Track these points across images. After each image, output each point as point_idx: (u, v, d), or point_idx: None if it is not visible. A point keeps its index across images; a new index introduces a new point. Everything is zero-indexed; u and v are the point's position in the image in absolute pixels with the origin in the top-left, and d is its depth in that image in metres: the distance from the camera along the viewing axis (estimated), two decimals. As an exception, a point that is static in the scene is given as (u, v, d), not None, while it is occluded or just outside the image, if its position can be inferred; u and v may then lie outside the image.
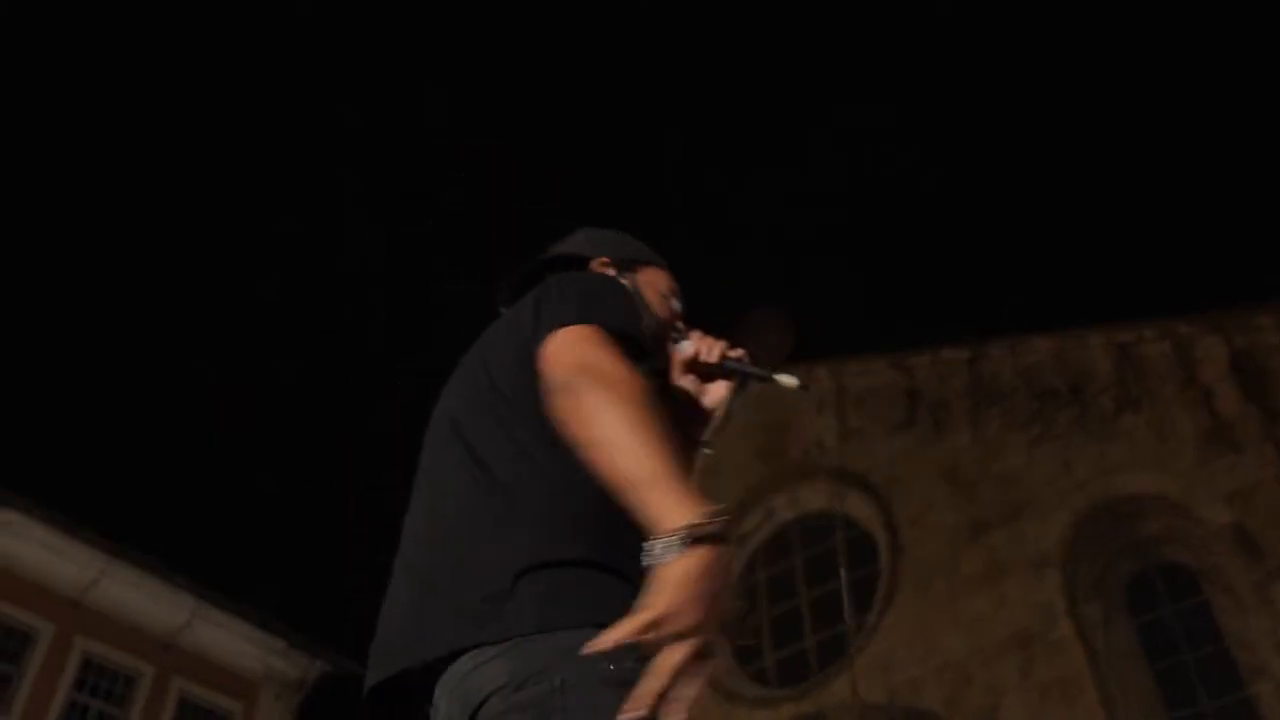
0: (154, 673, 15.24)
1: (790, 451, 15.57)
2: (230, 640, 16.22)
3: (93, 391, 43.52)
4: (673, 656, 1.15)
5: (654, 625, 1.16)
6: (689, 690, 1.16)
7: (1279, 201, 41.30)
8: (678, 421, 1.70)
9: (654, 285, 1.86)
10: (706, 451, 1.77)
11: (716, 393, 1.77)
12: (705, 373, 1.77)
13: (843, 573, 13.56)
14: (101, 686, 14.77)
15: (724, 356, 1.76)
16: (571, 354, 1.41)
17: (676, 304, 1.88)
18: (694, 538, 1.20)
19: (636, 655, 1.19)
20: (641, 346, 1.50)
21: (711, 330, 1.84)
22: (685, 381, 1.77)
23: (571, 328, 1.46)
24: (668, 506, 1.23)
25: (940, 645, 12.49)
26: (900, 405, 14.75)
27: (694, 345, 1.79)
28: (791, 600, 14.87)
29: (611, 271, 1.83)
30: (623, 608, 1.21)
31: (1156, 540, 12.18)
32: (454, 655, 1.31)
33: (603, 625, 1.20)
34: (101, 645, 14.87)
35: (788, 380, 1.72)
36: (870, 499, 14.45)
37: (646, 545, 1.22)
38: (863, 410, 15.12)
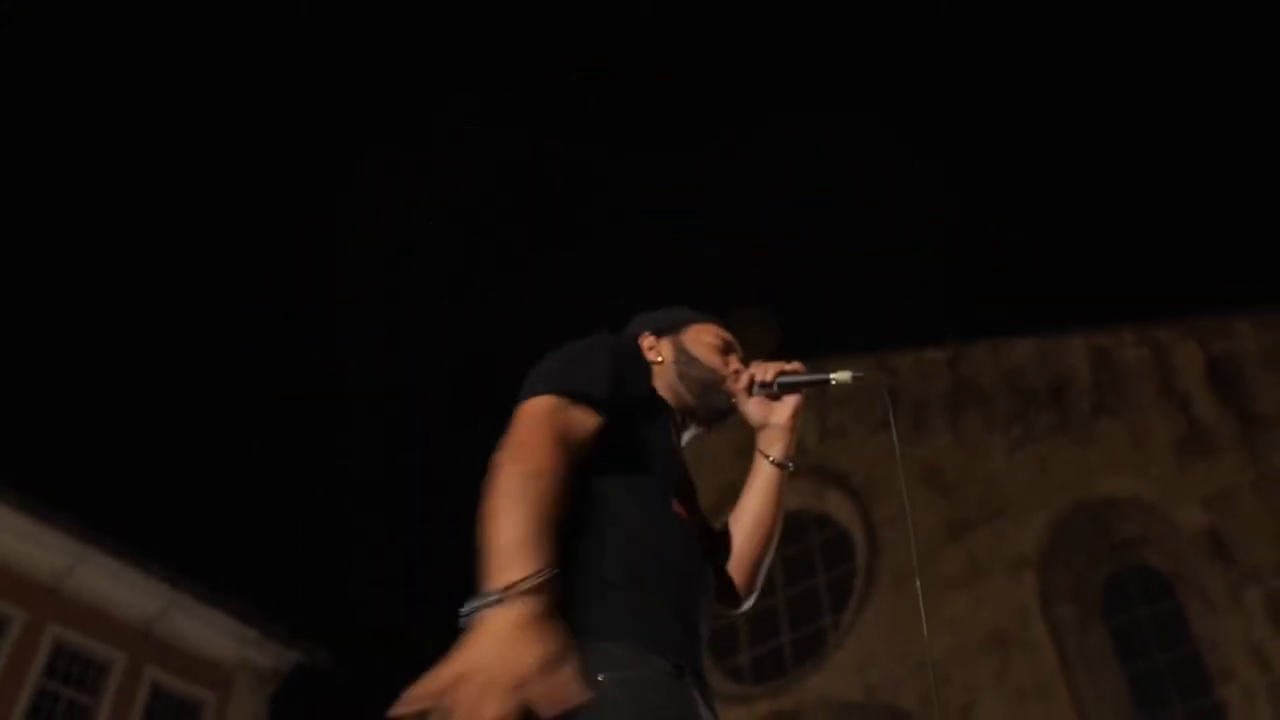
0: (126, 661, 15.11)
1: (770, 449, 15.61)
2: (205, 630, 16.10)
3: (70, 379, 43.14)
4: (468, 713, 1.16)
5: (454, 683, 1.18)
6: None
7: (1257, 209, 41.71)
8: (763, 443, 1.95)
9: (699, 339, 2.04)
10: (789, 467, 1.95)
11: (784, 409, 1.96)
12: (770, 395, 1.96)
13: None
14: (73, 674, 14.63)
15: (779, 373, 1.96)
16: (512, 432, 1.51)
17: (726, 347, 2.06)
18: (505, 597, 1.25)
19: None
20: (597, 397, 1.60)
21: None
22: (754, 407, 1.96)
23: (524, 403, 1.57)
24: (498, 568, 1.29)
25: (917, 644, 12.56)
26: (881, 405, 14.81)
27: (751, 373, 1.99)
28: (769, 598, 14.91)
29: (651, 340, 2.03)
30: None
31: (1132, 543, 12.29)
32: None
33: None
34: (74, 632, 14.73)
35: (843, 377, 1.90)
36: (849, 498, 14.51)
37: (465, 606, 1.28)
38: (843, 410, 15.17)
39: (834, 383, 1.90)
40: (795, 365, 1.97)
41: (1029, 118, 44.14)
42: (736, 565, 1.91)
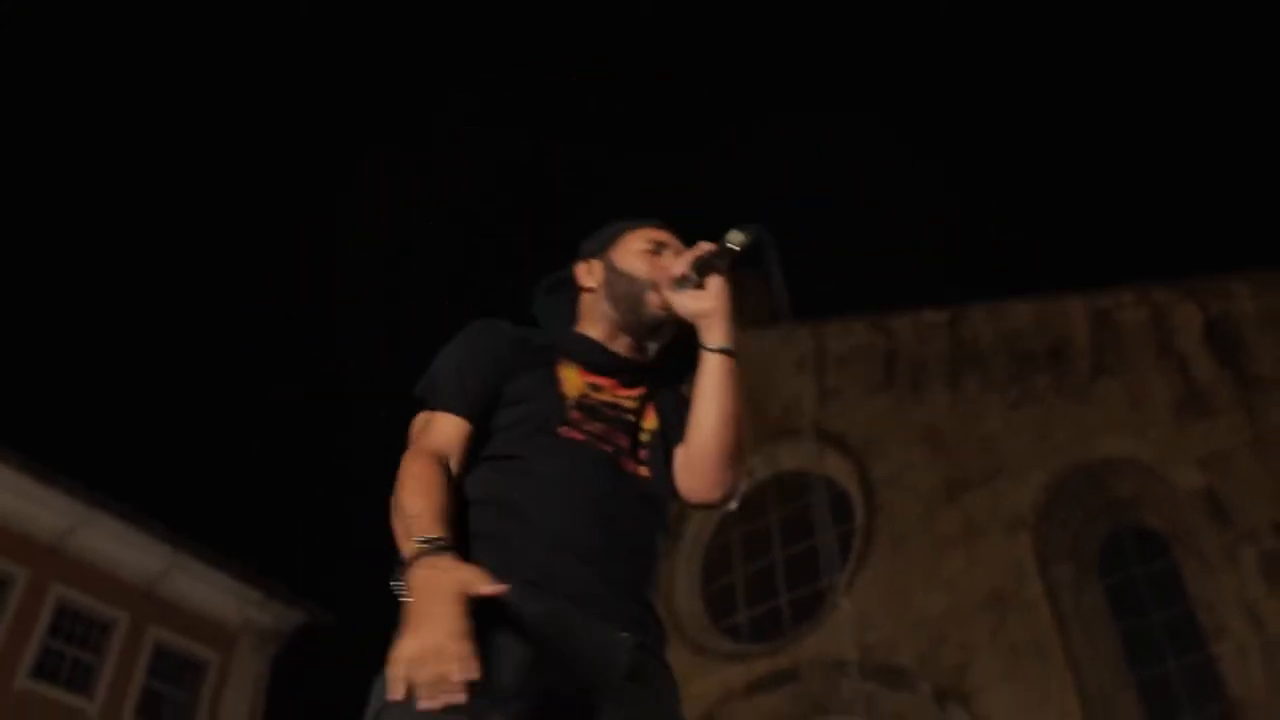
0: (129, 621, 15.21)
1: (768, 411, 15.62)
2: (207, 590, 16.19)
3: (73, 342, 43.12)
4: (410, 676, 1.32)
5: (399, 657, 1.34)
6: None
7: (1255, 171, 41.54)
8: (702, 335, 1.86)
9: (628, 250, 1.98)
10: (732, 350, 1.85)
11: (709, 294, 1.86)
12: (694, 285, 1.87)
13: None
14: (76, 633, 14.75)
15: (694, 260, 1.87)
16: None
17: (656, 248, 1.98)
18: (409, 558, 1.47)
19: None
20: (434, 401, 1.81)
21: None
22: (684, 302, 1.87)
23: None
24: (402, 551, 1.52)
25: (914, 604, 12.65)
26: (879, 366, 14.82)
27: (669, 270, 1.92)
28: (766, 557, 15.00)
29: (585, 267, 2.01)
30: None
31: (1129, 503, 12.34)
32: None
33: None
34: (77, 592, 14.82)
35: (736, 237, 1.86)
36: (848, 459, 14.55)
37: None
38: (842, 371, 15.18)
39: (737, 248, 1.86)
40: (705, 245, 1.89)
41: (1028, 80, 43.83)
42: (707, 462, 1.83)
